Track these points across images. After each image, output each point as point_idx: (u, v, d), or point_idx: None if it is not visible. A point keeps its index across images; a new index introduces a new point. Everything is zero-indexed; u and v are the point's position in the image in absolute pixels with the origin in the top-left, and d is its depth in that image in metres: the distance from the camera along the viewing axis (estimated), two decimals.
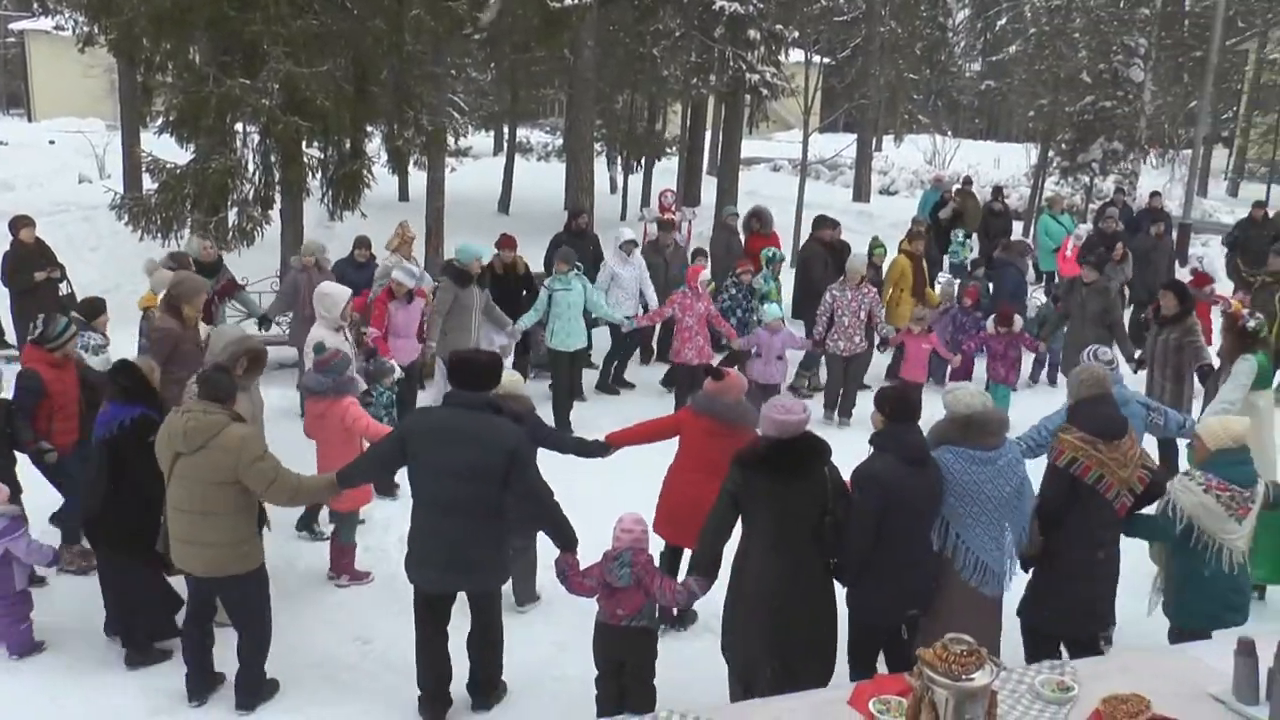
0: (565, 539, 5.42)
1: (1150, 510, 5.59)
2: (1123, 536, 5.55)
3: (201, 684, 5.69)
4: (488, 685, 5.72)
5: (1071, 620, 5.48)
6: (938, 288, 12.96)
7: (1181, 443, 8.03)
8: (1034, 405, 8.99)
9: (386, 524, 7.58)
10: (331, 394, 6.86)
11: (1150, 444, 7.37)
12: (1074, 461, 5.32)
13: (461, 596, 5.57)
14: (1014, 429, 5.77)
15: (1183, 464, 7.56)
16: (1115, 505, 5.36)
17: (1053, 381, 12.35)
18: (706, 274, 11.00)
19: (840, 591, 5.21)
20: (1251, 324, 8.10)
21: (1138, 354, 10.00)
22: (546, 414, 8.52)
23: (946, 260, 15.58)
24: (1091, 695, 4.14)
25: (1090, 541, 5.38)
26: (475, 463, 5.14)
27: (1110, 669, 4.47)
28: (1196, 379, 8.95)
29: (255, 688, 5.68)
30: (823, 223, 12.73)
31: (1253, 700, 4.11)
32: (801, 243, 17.02)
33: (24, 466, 6.79)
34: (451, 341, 9.57)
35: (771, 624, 4.92)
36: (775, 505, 4.94)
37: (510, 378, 6.38)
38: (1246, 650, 4.16)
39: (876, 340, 11.22)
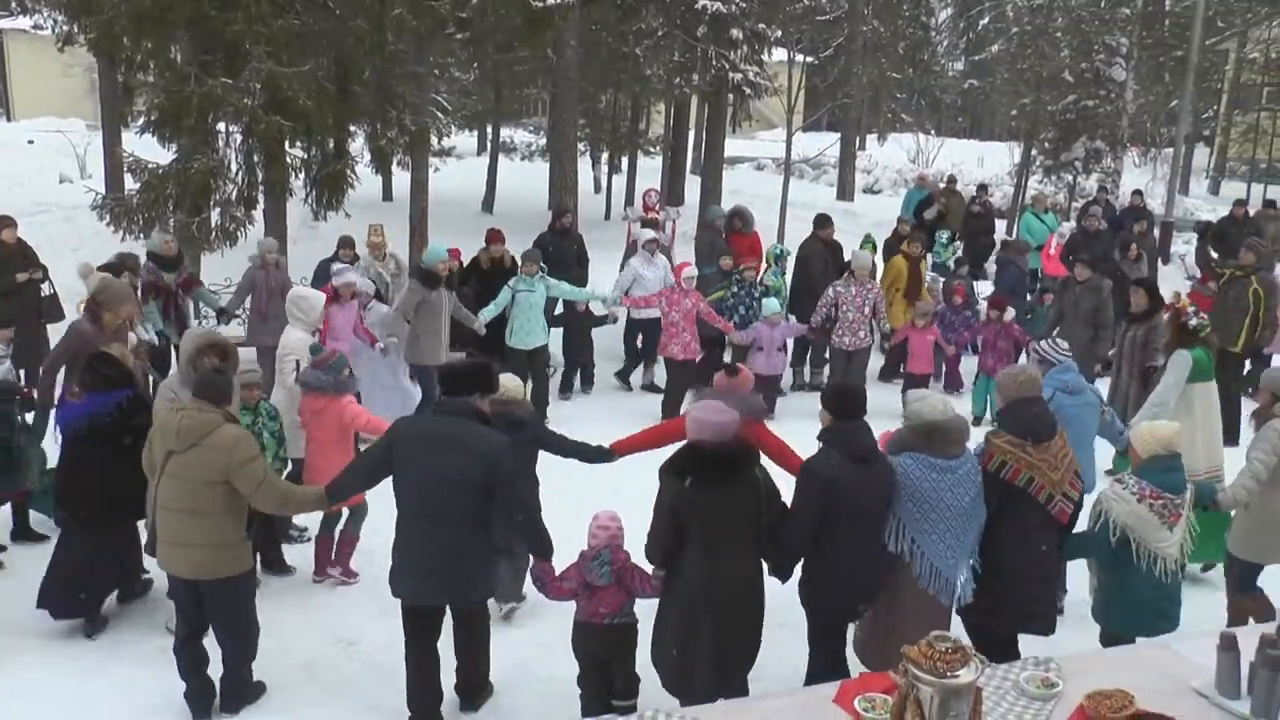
0: (543, 548, 5.41)
1: (1081, 525, 5.59)
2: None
3: (204, 700, 5.57)
4: (475, 687, 5.70)
5: (1003, 618, 5.46)
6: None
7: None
8: None
9: (375, 527, 7.51)
10: (331, 391, 6.88)
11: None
12: (1003, 465, 5.31)
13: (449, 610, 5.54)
14: None
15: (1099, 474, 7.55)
16: (1052, 510, 5.33)
17: None
18: (692, 270, 11.01)
19: (789, 588, 5.29)
20: (1194, 322, 8.08)
21: (1111, 351, 10.06)
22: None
23: (930, 259, 15.61)
24: (1076, 691, 4.16)
25: (1025, 544, 5.34)
26: (461, 471, 5.09)
27: (1095, 665, 4.49)
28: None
29: (241, 691, 5.65)
30: (824, 221, 12.90)
31: (1234, 694, 4.14)
32: (787, 240, 17.07)
33: None
34: (424, 345, 9.79)
35: (704, 617, 4.97)
36: (709, 511, 4.94)
37: (511, 383, 6.39)
38: (1228, 645, 4.19)
39: (878, 337, 11.37)
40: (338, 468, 5.99)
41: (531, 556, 5.45)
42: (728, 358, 10.59)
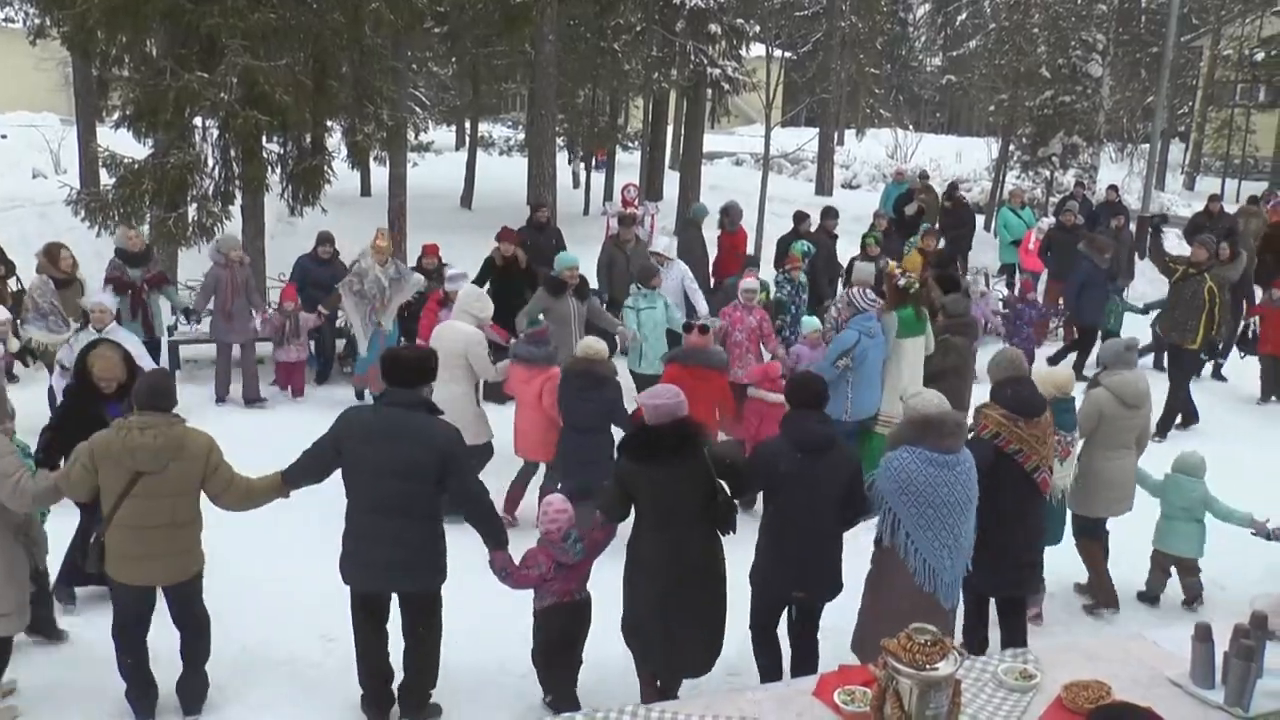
0: (498, 538, 5.34)
1: None
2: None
3: (149, 700, 5.46)
4: (420, 699, 5.53)
5: (995, 580, 5.74)
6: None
7: None
8: None
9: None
10: (543, 363, 7.81)
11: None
12: (997, 435, 5.66)
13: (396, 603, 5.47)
14: None
15: None
16: (1036, 480, 5.72)
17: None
18: (754, 282, 9.79)
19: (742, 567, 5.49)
20: (903, 282, 8.63)
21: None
22: None
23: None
24: (1053, 682, 4.19)
25: (1014, 512, 5.68)
26: (410, 461, 5.08)
27: (1072, 656, 4.53)
28: None
29: (202, 690, 5.56)
30: (829, 213, 13.37)
31: (1209, 684, 4.18)
32: (765, 235, 17.10)
33: None
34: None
35: (660, 602, 5.17)
36: (658, 489, 5.14)
37: (595, 345, 7.33)
38: (1203, 636, 4.23)
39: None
40: (540, 430, 7.62)
41: (487, 549, 5.38)
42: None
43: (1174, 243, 16.73)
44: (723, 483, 5.26)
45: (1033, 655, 4.50)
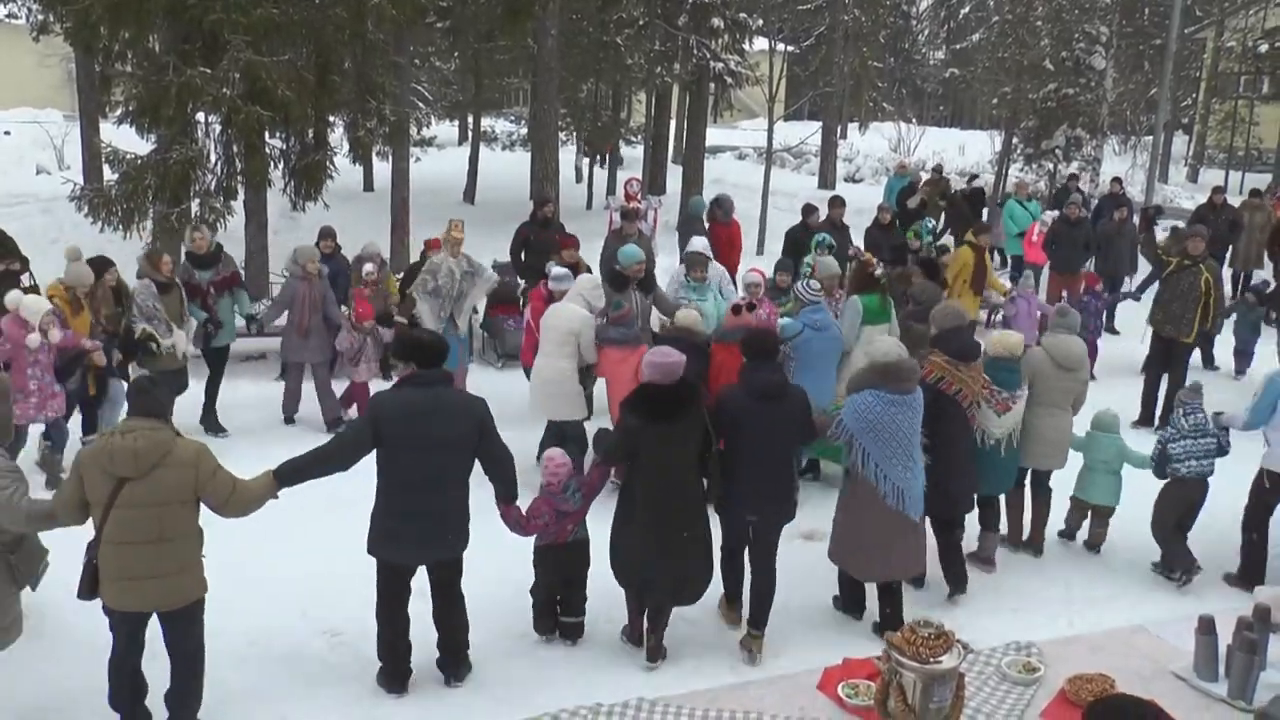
0: (510, 493, 5.82)
1: None
2: None
3: None
4: (460, 656, 5.83)
5: (949, 506, 6.61)
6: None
7: None
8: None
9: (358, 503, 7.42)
10: (633, 343, 8.27)
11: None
12: (940, 379, 6.50)
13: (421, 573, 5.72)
14: None
15: None
16: (968, 414, 6.61)
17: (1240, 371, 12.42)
18: (757, 275, 9.50)
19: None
20: (877, 272, 9.31)
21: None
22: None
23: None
24: (1057, 675, 4.20)
25: (953, 443, 6.51)
26: (452, 433, 5.43)
27: (1076, 649, 4.54)
28: None
29: (195, 707, 5.34)
30: (836, 202, 13.46)
31: (1212, 677, 4.19)
32: (767, 229, 17.11)
33: None
34: None
35: (659, 541, 5.71)
36: (663, 445, 5.67)
37: (691, 315, 7.91)
38: (1206, 629, 4.23)
39: None
40: None
41: (500, 502, 5.84)
42: None
43: (1163, 236, 16.72)
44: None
45: (1036, 648, 4.51)
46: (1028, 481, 7.48)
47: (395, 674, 5.70)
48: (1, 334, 7.84)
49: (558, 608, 6.19)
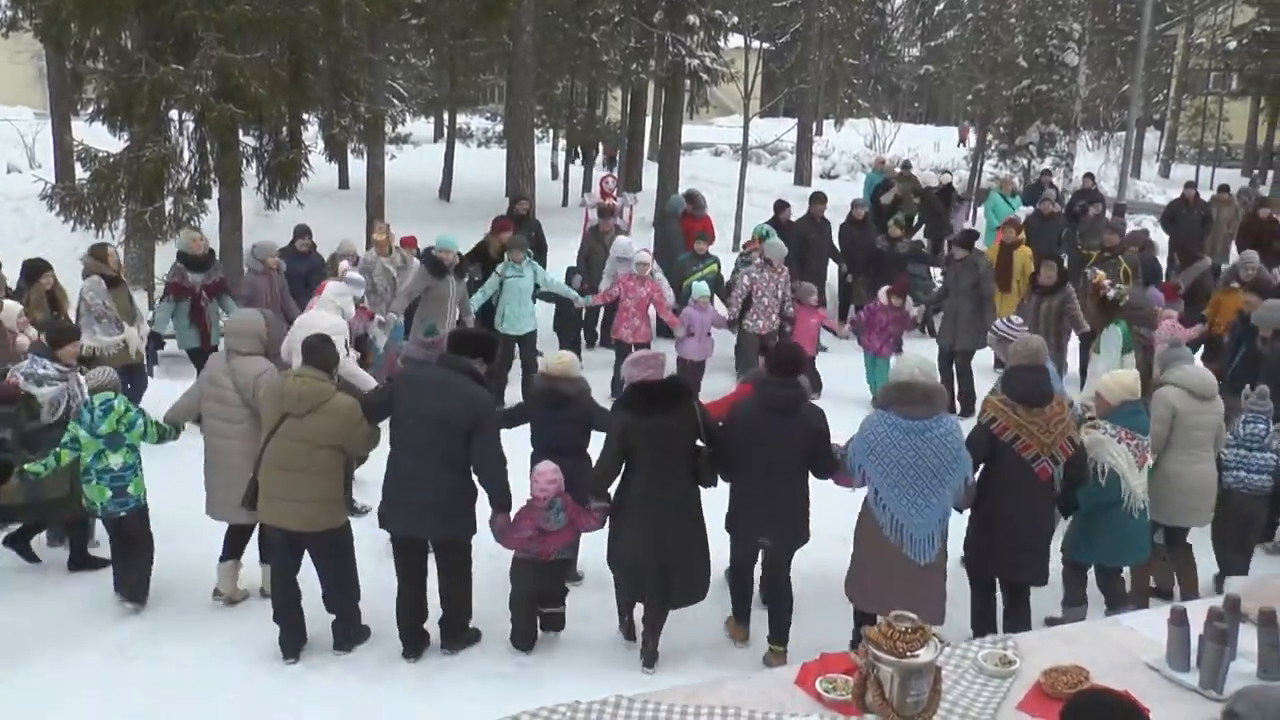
0: (503, 500, 5.88)
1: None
2: None
3: (294, 641, 5.98)
4: (456, 630, 6.08)
5: (993, 564, 5.89)
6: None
7: None
8: None
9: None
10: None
11: None
12: (993, 420, 5.72)
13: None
14: None
15: None
16: (1035, 468, 5.66)
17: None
18: (646, 256, 10.94)
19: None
20: (1111, 294, 8.66)
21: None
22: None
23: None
24: (1033, 668, 4.23)
25: (1011, 497, 5.70)
26: (447, 412, 5.66)
27: (1051, 642, 4.57)
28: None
29: (353, 632, 6.08)
30: (818, 199, 13.52)
31: (1184, 667, 4.23)
32: (743, 225, 17.12)
33: None
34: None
35: (653, 535, 5.71)
36: (653, 438, 5.69)
37: (565, 358, 6.80)
38: (1179, 619, 4.28)
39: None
40: None
41: (491, 507, 5.91)
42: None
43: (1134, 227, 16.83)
44: (710, 438, 5.86)
45: (1012, 641, 4.54)
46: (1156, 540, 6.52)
47: (408, 644, 6.03)
48: None
49: (538, 619, 6.17)
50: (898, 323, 11.03)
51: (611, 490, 6.01)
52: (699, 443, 5.88)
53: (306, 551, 5.92)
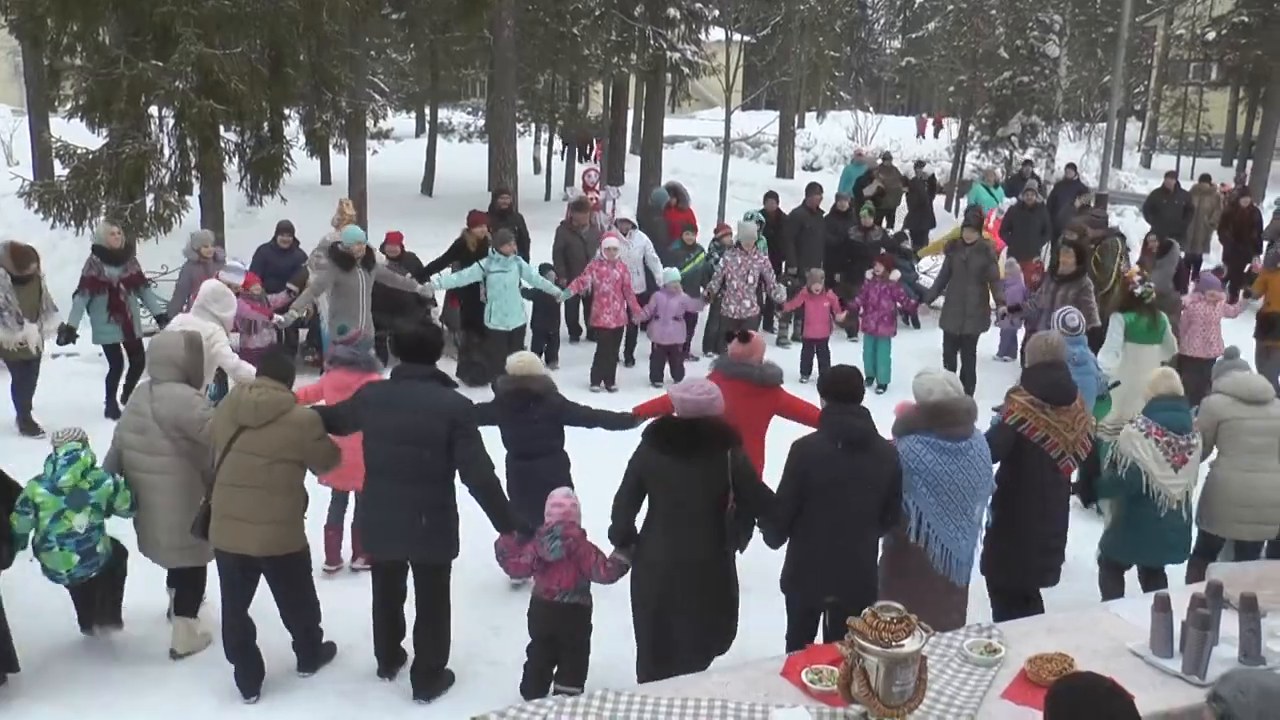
0: (504, 519, 5.44)
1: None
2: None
3: (252, 678, 5.57)
4: (431, 673, 5.59)
5: (1018, 573, 5.74)
6: None
7: None
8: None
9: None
10: (364, 367, 6.89)
11: None
12: (1022, 421, 5.56)
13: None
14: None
15: None
16: (1060, 465, 5.61)
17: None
18: (614, 241, 11.29)
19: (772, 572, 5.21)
20: (1139, 290, 8.67)
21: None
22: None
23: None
24: (1018, 656, 4.25)
25: (1038, 500, 5.61)
26: (418, 427, 5.25)
27: (1035, 629, 4.59)
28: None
29: (315, 651, 5.78)
30: (814, 189, 13.58)
31: (1167, 653, 4.26)
32: (725, 218, 17.08)
33: None
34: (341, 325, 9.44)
35: (658, 591, 4.99)
36: (670, 482, 4.92)
37: (526, 358, 6.59)
38: (1162, 606, 4.30)
39: (767, 302, 11.99)
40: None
41: (495, 530, 5.46)
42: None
43: (1128, 220, 16.95)
44: (745, 498, 4.99)
45: (997, 630, 4.56)
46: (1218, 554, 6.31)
47: (384, 664, 5.73)
48: None
49: (552, 673, 5.47)
50: (889, 295, 11.14)
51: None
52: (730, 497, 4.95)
53: (262, 576, 5.51)
